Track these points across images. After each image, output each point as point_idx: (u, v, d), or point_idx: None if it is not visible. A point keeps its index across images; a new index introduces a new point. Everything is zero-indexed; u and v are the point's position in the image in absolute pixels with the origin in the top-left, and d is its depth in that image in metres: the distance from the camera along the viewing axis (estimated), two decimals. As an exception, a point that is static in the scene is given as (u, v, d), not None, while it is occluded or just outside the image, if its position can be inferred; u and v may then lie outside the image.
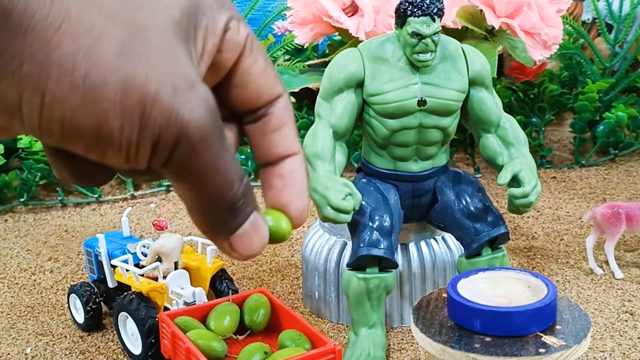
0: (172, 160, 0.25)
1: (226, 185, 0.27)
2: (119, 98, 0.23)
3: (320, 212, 0.68)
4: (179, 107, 0.24)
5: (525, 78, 1.41)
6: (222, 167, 0.26)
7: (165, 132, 0.24)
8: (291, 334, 0.66)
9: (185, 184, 0.26)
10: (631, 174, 1.28)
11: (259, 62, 0.29)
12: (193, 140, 0.24)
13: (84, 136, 0.24)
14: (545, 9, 1.00)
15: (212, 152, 0.25)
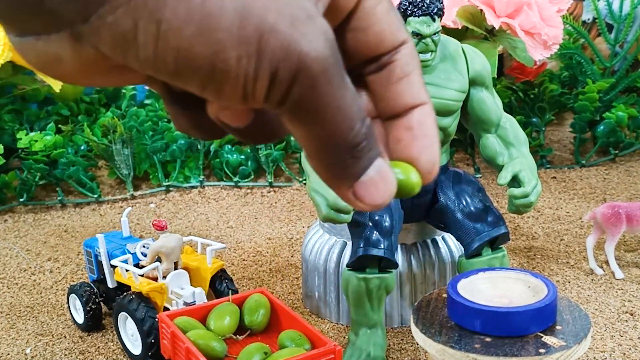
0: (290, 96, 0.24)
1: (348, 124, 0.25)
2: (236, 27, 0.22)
3: (320, 212, 0.68)
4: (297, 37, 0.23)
5: (525, 78, 1.41)
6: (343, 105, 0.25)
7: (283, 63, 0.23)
8: (291, 334, 0.66)
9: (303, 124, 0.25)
10: (631, 174, 1.28)
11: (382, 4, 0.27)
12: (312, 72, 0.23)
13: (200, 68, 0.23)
14: (545, 9, 1.00)
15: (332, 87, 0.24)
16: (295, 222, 1.12)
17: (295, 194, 1.25)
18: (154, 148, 1.30)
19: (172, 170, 1.32)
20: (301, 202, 1.21)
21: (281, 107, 0.24)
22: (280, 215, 1.15)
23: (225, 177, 1.32)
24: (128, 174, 1.29)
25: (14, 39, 0.23)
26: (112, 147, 1.29)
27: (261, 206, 1.20)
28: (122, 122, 1.31)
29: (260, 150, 1.31)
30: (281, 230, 1.09)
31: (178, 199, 1.26)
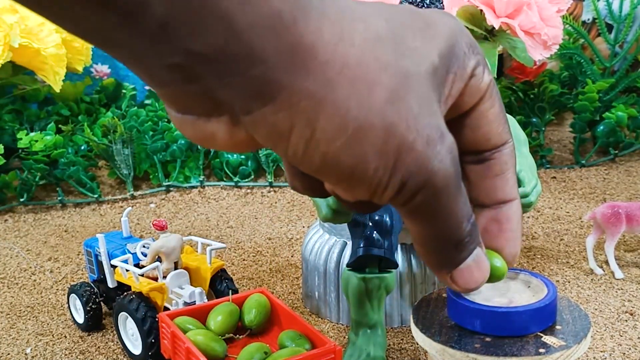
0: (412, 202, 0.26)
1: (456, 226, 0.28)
2: (381, 143, 0.24)
3: (320, 212, 0.68)
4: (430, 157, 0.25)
5: (525, 78, 1.41)
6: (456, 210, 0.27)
7: (413, 178, 0.25)
8: (291, 334, 0.66)
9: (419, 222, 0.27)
10: (631, 174, 1.28)
11: (494, 108, 0.30)
12: (437, 187, 0.26)
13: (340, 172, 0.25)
14: (545, 9, 1.00)
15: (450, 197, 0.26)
16: (295, 222, 1.12)
17: (295, 194, 1.25)
18: (154, 148, 1.30)
19: (172, 170, 1.32)
20: (301, 202, 1.21)
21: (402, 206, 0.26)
22: (280, 215, 1.15)
23: (225, 177, 1.32)
24: (128, 174, 1.29)
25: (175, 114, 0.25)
26: (112, 147, 1.29)
27: (261, 206, 1.20)
28: (122, 122, 1.31)
29: (260, 150, 1.31)
30: (281, 230, 1.09)
31: (178, 199, 1.26)
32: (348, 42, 0.24)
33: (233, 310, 0.70)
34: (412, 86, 0.25)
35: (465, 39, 0.28)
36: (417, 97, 0.25)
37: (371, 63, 0.24)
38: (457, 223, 0.28)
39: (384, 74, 0.24)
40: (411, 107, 0.24)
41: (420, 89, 0.25)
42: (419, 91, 0.25)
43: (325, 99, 0.23)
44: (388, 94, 0.24)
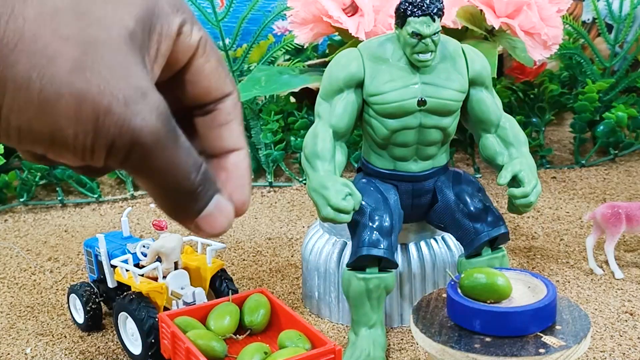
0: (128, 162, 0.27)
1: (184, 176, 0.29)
2: (73, 111, 0.25)
3: (320, 212, 0.68)
4: (130, 117, 0.26)
5: (525, 78, 1.41)
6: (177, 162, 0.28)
7: (118, 139, 0.26)
8: (291, 334, 0.66)
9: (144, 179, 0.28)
10: (631, 174, 1.28)
11: (210, 62, 0.31)
12: (146, 145, 0.27)
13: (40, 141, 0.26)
14: (545, 9, 1.00)
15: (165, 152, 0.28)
16: (295, 222, 1.12)
17: (295, 194, 1.25)
18: (154, 148, 1.30)
19: (172, 170, 1.31)
20: (301, 202, 1.21)
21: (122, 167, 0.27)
22: (280, 215, 1.15)
23: (225, 177, 1.32)
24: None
25: None
26: (112, 147, 1.29)
27: (261, 206, 1.20)
28: (122, 122, 1.30)
29: (260, 150, 1.31)
30: (281, 230, 1.09)
31: (178, 199, 1.26)
32: (20, 18, 0.25)
33: (233, 311, 0.70)
34: (100, 52, 0.26)
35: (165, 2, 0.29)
36: (107, 62, 0.26)
37: (48, 36, 0.25)
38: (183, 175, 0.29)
39: (65, 45, 0.25)
40: (100, 73, 0.26)
41: (111, 54, 0.26)
42: (109, 56, 0.26)
43: (5, 76, 0.24)
44: (71, 63, 0.25)
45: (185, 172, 0.29)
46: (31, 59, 0.25)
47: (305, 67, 1.30)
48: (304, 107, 1.34)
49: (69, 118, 0.25)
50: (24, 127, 0.26)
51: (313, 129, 0.72)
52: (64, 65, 0.25)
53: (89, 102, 0.25)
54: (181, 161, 0.28)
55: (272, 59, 1.33)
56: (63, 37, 0.25)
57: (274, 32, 1.49)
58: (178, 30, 0.30)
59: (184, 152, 0.29)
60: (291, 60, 1.36)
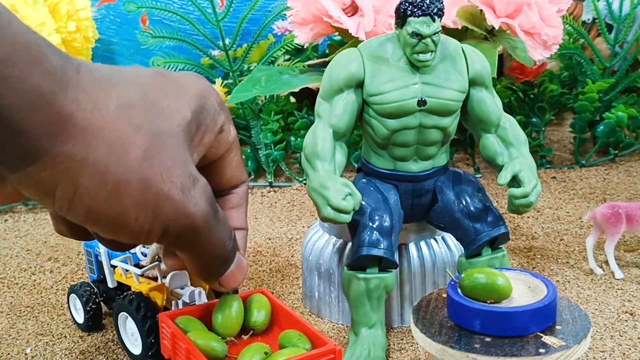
0: (178, 242, 0.30)
1: (219, 248, 0.33)
2: (139, 195, 0.28)
3: (320, 212, 0.68)
4: (186, 203, 0.29)
5: (525, 78, 1.41)
6: (217, 237, 0.32)
7: (174, 223, 0.29)
8: (291, 334, 0.66)
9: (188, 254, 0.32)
10: (631, 174, 1.28)
11: (237, 157, 0.36)
12: (196, 227, 0.30)
13: (103, 222, 0.28)
14: (545, 9, 1.00)
15: (210, 231, 0.31)
16: (295, 222, 1.12)
17: (295, 194, 1.25)
18: (154, 148, 1.30)
19: (172, 170, 1.31)
20: (301, 202, 1.21)
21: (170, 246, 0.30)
22: (280, 215, 1.15)
23: (225, 177, 1.32)
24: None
25: None
26: (112, 147, 1.29)
27: (261, 206, 1.20)
28: (122, 122, 1.30)
29: (260, 150, 1.31)
30: (281, 230, 1.09)
31: (178, 199, 1.26)
32: (104, 109, 0.27)
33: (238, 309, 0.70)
34: (165, 142, 0.29)
35: (215, 96, 0.33)
36: (169, 151, 0.29)
37: (125, 126, 0.28)
38: (220, 246, 0.33)
39: (137, 135, 0.28)
40: (164, 161, 0.28)
41: (172, 143, 0.29)
42: (172, 146, 0.29)
43: (86, 160, 0.27)
44: (142, 152, 0.28)
45: (221, 243, 0.32)
46: (110, 146, 0.27)
47: (305, 67, 1.30)
48: (304, 107, 1.34)
49: (134, 203, 0.28)
50: (93, 208, 0.28)
51: (313, 129, 0.72)
52: (136, 154, 0.28)
53: (153, 188, 0.28)
54: (221, 235, 0.32)
55: (272, 59, 1.33)
56: (136, 128, 0.28)
57: (274, 32, 1.49)
58: (221, 128, 0.33)
59: (222, 226, 0.32)
60: (291, 60, 1.36)
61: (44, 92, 0.25)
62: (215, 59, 1.33)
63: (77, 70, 0.27)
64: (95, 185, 0.27)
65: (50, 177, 0.27)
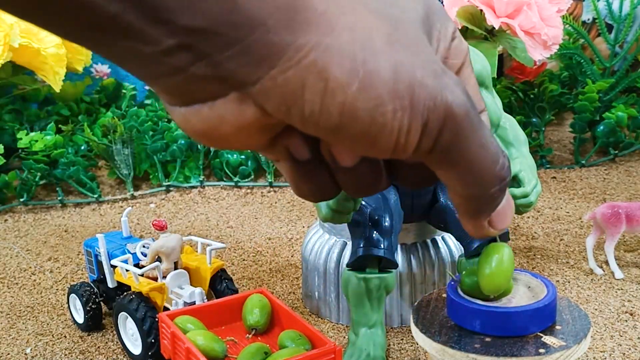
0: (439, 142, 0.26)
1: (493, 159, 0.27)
2: (392, 83, 0.24)
3: (320, 212, 0.68)
4: (441, 89, 0.25)
5: (525, 78, 1.41)
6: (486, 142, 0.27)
7: (433, 113, 0.25)
8: (291, 334, 0.66)
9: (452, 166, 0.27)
10: (631, 174, 1.28)
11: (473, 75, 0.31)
12: (458, 118, 0.25)
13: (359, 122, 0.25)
14: (545, 9, 1.00)
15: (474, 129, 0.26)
16: (295, 222, 1.12)
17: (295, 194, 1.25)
18: (154, 148, 1.30)
19: (172, 170, 1.32)
20: (301, 202, 1.21)
21: (429, 155, 0.26)
22: (280, 215, 1.15)
23: (225, 177, 1.32)
24: (128, 174, 1.29)
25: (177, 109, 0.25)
26: (112, 147, 1.29)
27: (261, 206, 1.20)
28: (122, 122, 1.31)
29: (260, 150, 1.31)
30: (281, 230, 1.09)
31: (178, 199, 1.26)
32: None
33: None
34: (407, 30, 0.26)
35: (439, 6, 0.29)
36: (413, 39, 0.26)
37: (363, 10, 0.25)
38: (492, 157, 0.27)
39: (377, 19, 0.25)
40: (410, 47, 0.25)
41: (413, 32, 0.26)
42: (414, 35, 0.26)
43: (332, 47, 0.24)
44: (386, 36, 0.25)
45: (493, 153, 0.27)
46: (353, 30, 0.24)
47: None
48: (304, 107, 1.34)
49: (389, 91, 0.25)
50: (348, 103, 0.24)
51: (313, 129, 0.72)
52: (380, 38, 0.25)
53: (404, 73, 0.25)
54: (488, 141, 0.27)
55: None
56: (373, 12, 0.25)
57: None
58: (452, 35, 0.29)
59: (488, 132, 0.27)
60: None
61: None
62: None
63: None
64: (346, 74, 0.24)
65: (297, 74, 0.24)
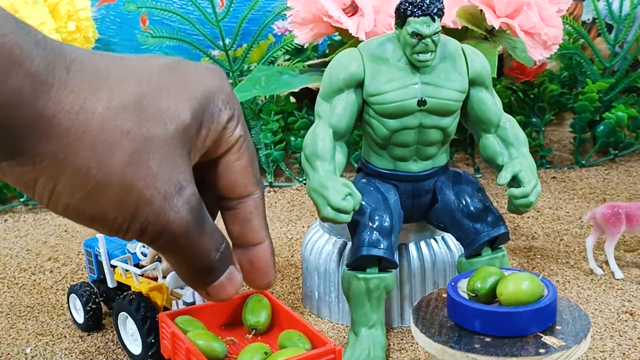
0: (156, 243, 0.30)
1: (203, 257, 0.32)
2: (118, 198, 0.28)
3: (320, 212, 0.68)
4: (167, 210, 0.29)
5: (525, 78, 1.41)
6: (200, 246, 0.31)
7: (152, 226, 0.29)
8: (291, 334, 0.66)
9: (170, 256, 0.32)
10: (631, 174, 1.28)
11: (241, 160, 0.34)
12: (174, 234, 0.30)
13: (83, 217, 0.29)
14: (545, 9, 1.00)
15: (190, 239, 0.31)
16: (295, 222, 1.12)
17: (295, 194, 1.25)
18: (154, 148, 1.30)
19: (172, 170, 1.31)
20: (301, 202, 1.21)
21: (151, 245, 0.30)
22: (280, 215, 1.15)
23: (225, 177, 1.32)
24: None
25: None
26: (112, 147, 1.29)
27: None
28: (122, 122, 1.30)
29: (260, 150, 1.31)
30: (281, 230, 1.09)
31: (178, 199, 1.26)
32: (90, 111, 0.27)
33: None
34: (154, 147, 0.29)
35: (223, 95, 0.32)
36: (158, 157, 0.29)
37: (112, 129, 0.28)
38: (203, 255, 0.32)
39: (125, 139, 0.28)
40: (150, 167, 0.28)
41: (162, 149, 0.29)
42: (161, 151, 0.29)
43: (66, 160, 0.27)
44: (128, 156, 0.28)
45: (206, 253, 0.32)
46: (93, 149, 0.27)
47: (305, 67, 1.30)
48: (304, 107, 1.34)
49: (113, 205, 0.28)
50: (72, 205, 0.28)
51: (313, 129, 0.72)
52: (120, 158, 0.28)
53: (134, 192, 0.28)
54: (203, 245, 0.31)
55: (272, 59, 1.33)
56: (124, 132, 0.28)
57: (274, 32, 1.49)
58: (224, 126, 0.32)
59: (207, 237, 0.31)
60: (291, 60, 1.36)
61: (24, 94, 0.26)
62: (215, 59, 1.33)
63: (67, 68, 0.27)
64: (74, 186, 0.27)
65: (30, 172, 0.27)
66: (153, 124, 0.29)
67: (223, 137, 0.32)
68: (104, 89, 0.28)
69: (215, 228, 0.33)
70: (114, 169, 0.28)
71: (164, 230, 0.29)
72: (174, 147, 0.29)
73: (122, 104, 0.28)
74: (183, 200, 0.29)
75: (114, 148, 0.28)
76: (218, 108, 0.31)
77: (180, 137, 0.30)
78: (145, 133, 0.28)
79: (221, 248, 0.33)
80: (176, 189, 0.29)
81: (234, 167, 0.34)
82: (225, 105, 0.32)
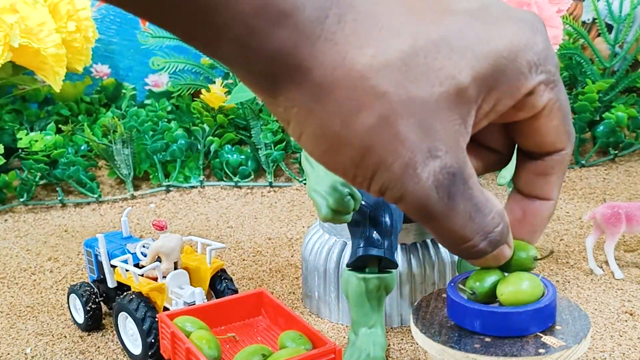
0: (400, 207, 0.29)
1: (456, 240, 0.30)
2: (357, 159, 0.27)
3: (320, 212, 0.68)
4: (405, 180, 0.27)
5: (525, 78, 1.41)
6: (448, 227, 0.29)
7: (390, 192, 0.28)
8: (291, 334, 0.66)
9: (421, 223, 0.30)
10: (631, 174, 1.28)
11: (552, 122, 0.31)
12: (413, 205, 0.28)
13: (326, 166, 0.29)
14: (545, 9, 0.99)
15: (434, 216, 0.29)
16: (295, 222, 1.12)
17: (295, 194, 1.25)
18: (154, 148, 1.30)
19: (172, 170, 1.32)
20: (301, 202, 1.21)
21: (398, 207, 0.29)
22: (280, 215, 1.15)
23: (225, 177, 1.32)
24: (128, 174, 1.29)
25: None
26: (112, 147, 1.29)
27: (261, 206, 1.20)
28: (122, 122, 1.31)
29: (260, 150, 1.31)
30: (281, 230, 1.09)
31: (178, 199, 1.26)
32: (348, 67, 0.26)
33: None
34: (410, 110, 0.26)
35: (530, 55, 0.28)
36: (412, 121, 0.26)
37: (366, 89, 0.26)
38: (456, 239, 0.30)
39: (377, 100, 0.26)
40: (398, 131, 0.26)
41: (420, 112, 0.27)
42: (418, 115, 0.27)
43: (312, 113, 0.27)
44: (375, 119, 0.26)
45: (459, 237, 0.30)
46: (340, 108, 0.26)
47: (305, 67, 1.30)
48: (304, 107, 1.34)
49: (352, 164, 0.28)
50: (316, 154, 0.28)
51: (313, 129, 0.72)
52: (366, 120, 0.26)
53: (374, 156, 0.27)
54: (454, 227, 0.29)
55: (272, 59, 1.33)
56: (379, 93, 0.26)
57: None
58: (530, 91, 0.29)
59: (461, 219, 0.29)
60: (291, 60, 1.36)
61: (287, 46, 0.25)
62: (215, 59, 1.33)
63: (340, 17, 0.25)
64: (317, 138, 0.27)
65: (284, 113, 0.27)
66: (417, 85, 0.26)
67: (527, 103, 0.29)
68: (371, 42, 0.26)
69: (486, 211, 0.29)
70: (356, 130, 0.26)
71: (402, 198, 0.28)
72: (436, 112, 0.27)
73: (387, 61, 0.26)
74: (429, 172, 0.27)
75: (363, 108, 0.26)
76: (519, 71, 0.27)
77: (451, 100, 0.27)
78: (403, 95, 0.26)
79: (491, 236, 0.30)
80: (424, 157, 0.27)
81: (541, 130, 0.30)
82: (531, 68, 0.28)
